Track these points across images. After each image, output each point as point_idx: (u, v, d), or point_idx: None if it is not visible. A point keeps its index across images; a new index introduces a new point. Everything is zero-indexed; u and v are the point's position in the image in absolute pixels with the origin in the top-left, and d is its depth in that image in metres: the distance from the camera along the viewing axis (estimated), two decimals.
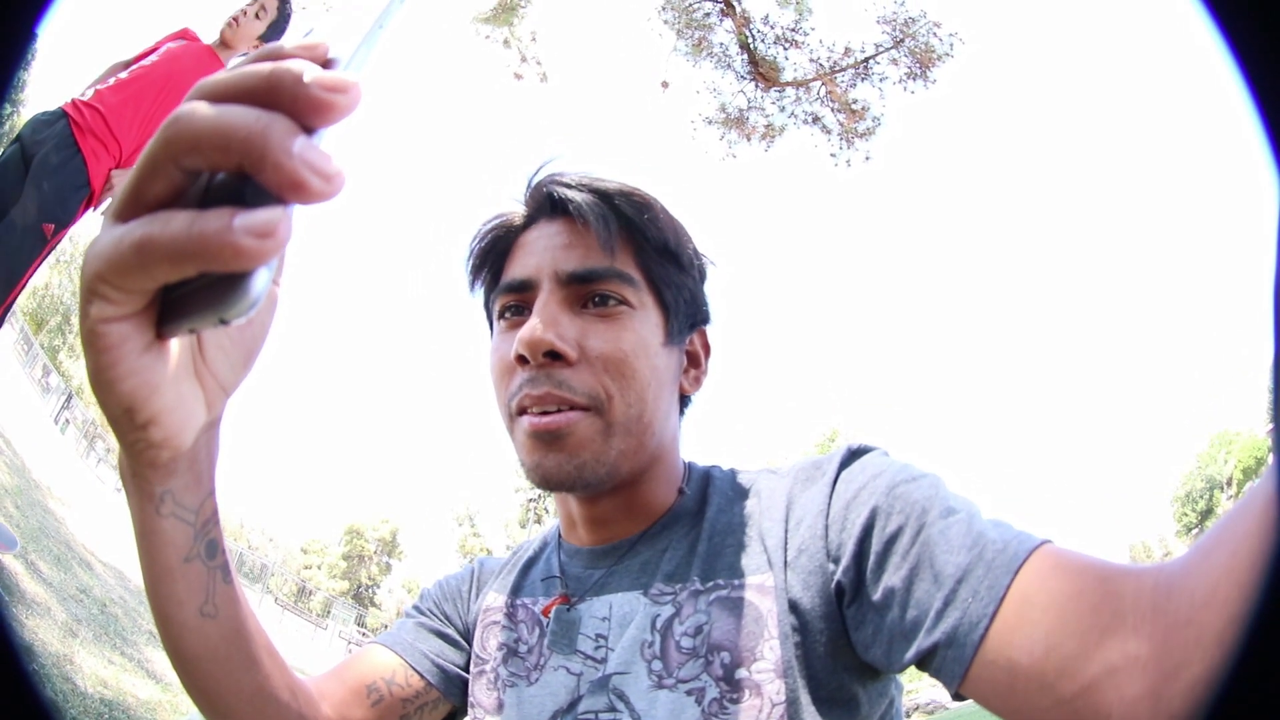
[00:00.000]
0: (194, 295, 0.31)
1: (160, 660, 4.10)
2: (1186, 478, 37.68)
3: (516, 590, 0.85)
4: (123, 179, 2.50)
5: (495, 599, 0.86)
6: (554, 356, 0.68)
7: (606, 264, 0.72)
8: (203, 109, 0.30)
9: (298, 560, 52.81)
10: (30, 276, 2.44)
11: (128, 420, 0.38)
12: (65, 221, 2.45)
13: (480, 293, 0.83)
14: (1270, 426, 0.28)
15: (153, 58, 2.84)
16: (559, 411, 0.68)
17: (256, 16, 2.97)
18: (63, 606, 3.79)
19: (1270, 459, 0.32)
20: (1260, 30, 0.26)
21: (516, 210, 0.79)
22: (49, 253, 2.46)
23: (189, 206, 0.31)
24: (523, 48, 9.44)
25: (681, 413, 0.84)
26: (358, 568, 51.36)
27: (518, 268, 0.75)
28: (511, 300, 0.75)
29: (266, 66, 0.31)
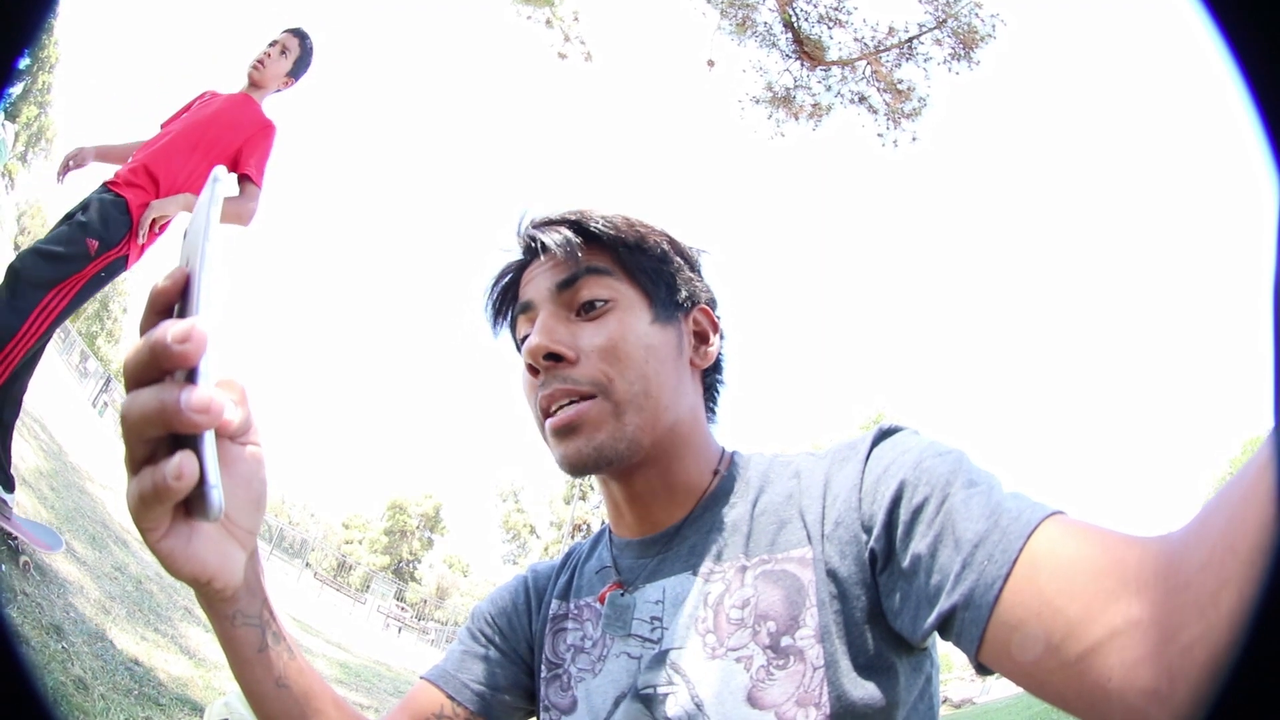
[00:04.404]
0: (191, 501, 0.47)
1: (195, 636, 4.09)
2: (1219, 483, 36.95)
3: (577, 591, 0.90)
4: (161, 207, 2.65)
5: (559, 606, 0.91)
6: (556, 359, 0.77)
7: (581, 266, 0.81)
8: (129, 405, 0.46)
9: (339, 535, 53.60)
10: (78, 288, 2.62)
11: (196, 584, 0.58)
12: (108, 241, 2.66)
13: (505, 330, 0.91)
14: (1272, 410, 0.26)
15: (185, 117, 3.06)
16: (571, 404, 0.76)
17: (283, 54, 3.18)
18: (97, 584, 3.78)
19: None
20: None
21: (516, 255, 0.89)
22: (96, 271, 2.64)
23: (163, 453, 0.47)
24: (566, 28, 9.37)
25: (711, 393, 0.90)
26: (399, 543, 51.90)
27: (524, 294, 0.86)
28: (524, 326, 0.85)
29: (145, 345, 0.45)
